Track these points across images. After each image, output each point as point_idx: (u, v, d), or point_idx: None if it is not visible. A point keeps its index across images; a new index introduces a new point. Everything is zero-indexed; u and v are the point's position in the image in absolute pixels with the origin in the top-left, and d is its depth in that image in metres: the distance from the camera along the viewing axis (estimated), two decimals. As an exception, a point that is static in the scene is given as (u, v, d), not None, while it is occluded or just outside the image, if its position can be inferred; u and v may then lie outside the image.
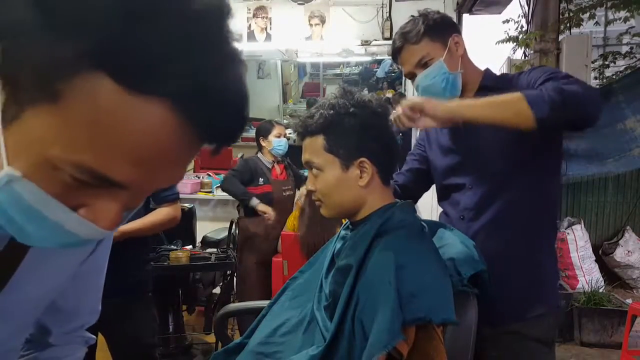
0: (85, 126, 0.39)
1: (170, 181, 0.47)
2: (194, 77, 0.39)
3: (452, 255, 1.14)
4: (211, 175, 4.10)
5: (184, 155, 0.45)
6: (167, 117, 0.40)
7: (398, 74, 6.66)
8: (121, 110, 0.39)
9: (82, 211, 0.44)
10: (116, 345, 1.79)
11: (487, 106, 1.13)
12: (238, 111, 0.44)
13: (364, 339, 0.95)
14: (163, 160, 0.43)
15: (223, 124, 0.43)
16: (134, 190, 0.44)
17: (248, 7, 3.75)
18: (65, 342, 0.78)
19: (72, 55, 0.37)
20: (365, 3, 3.60)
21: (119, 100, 0.38)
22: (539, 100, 1.08)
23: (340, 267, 1.10)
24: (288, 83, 7.35)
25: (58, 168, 0.40)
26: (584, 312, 3.24)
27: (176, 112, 0.40)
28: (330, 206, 1.14)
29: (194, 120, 0.41)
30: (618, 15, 4.67)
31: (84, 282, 0.75)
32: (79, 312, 0.79)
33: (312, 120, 1.11)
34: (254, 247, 2.96)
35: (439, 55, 1.32)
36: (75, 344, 0.80)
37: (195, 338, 3.16)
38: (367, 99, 1.12)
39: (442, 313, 0.93)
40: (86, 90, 0.38)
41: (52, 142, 0.39)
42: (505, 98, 1.12)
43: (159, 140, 0.41)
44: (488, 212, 1.33)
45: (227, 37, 0.42)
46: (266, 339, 1.16)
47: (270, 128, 2.97)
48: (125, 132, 0.39)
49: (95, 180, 0.41)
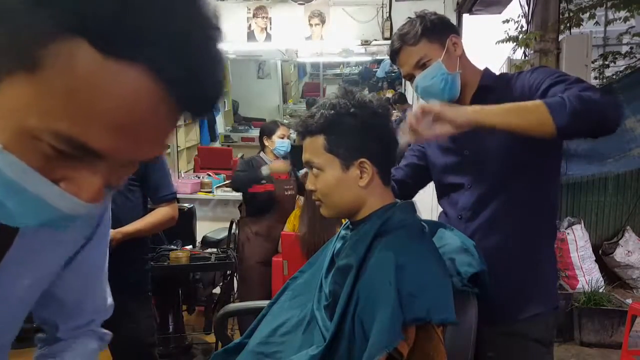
0: (64, 93, 0.39)
1: (150, 153, 0.46)
2: (171, 43, 0.39)
3: (452, 255, 1.14)
4: (211, 175, 4.10)
5: (163, 125, 0.44)
6: (145, 83, 0.40)
7: (398, 74, 6.66)
8: (99, 76, 0.39)
9: (64, 184, 0.44)
10: (116, 344, 1.79)
11: (507, 113, 1.11)
12: (215, 78, 0.44)
13: (364, 339, 0.95)
14: (142, 128, 0.42)
15: (200, 91, 0.43)
16: (115, 161, 0.44)
17: (248, 7, 3.75)
18: (74, 336, 0.78)
19: (49, 21, 0.37)
20: (365, 3, 3.60)
21: (97, 67, 0.38)
22: (560, 108, 1.06)
23: (340, 267, 1.10)
24: (288, 83, 7.35)
25: (37, 138, 0.40)
26: (584, 312, 3.23)
27: (154, 78, 0.40)
28: (330, 206, 1.14)
29: (172, 86, 0.41)
30: (618, 15, 4.67)
31: (83, 277, 0.74)
32: (83, 309, 0.78)
33: (313, 120, 1.11)
34: (255, 247, 2.97)
35: (437, 56, 1.31)
36: (85, 337, 0.80)
37: (195, 338, 3.16)
38: (367, 99, 1.12)
39: (442, 313, 0.93)
40: (64, 57, 0.38)
41: (31, 112, 0.39)
42: (526, 105, 1.11)
43: (137, 107, 0.41)
44: (486, 212, 1.33)
45: (202, 3, 0.42)
46: (266, 339, 1.16)
47: (275, 129, 3.00)
48: (104, 99, 0.39)
49: (74, 149, 0.41)
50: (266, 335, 1.17)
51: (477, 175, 1.35)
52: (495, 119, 1.12)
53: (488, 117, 1.12)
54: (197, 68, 0.42)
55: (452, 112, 1.12)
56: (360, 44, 3.62)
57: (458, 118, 1.12)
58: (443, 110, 1.12)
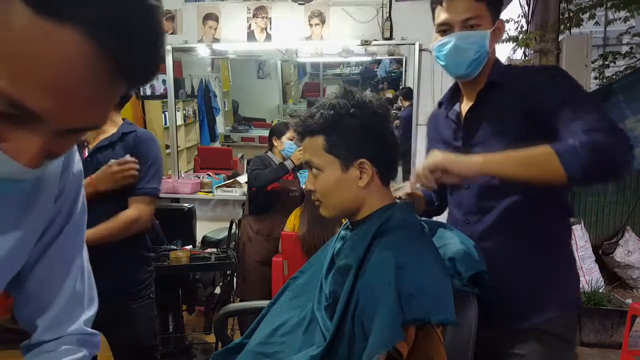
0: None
1: (89, 120, 0.46)
2: (108, 7, 0.40)
3: (452, 255, 1.14)
4: (211, 175, 4.10)
5: (101, 90, 0.44)
6: (80, 45, 0.40)
7: (398, 74, 6.66)
8: (35, 35, 0.39)
9: (0, 146, 0.44)
10: (117, 346, 1.79)
11: (517, 164, 1.09)
12: (153, 46, 0.44)
13: (363, 339, 0.95)
14: (78, 91, 0.42)
15: (138, 59, 0.44)
16: (53, 124, 0.44)
17: (248, 7, 3.74)
18: (58, 342, 0.75)
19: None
20: (365, 3, 3.60)
21: (33, 26, 0.39)
22: (571, 158, 1.04)
23: (340, 267, 1.10)
24: (288, 83, 7.35)
25: None
26: (584, 312, 3.23)
27: (90, 41, 0.40)
28: (330, 206, 1.14)
29: (108, 50, 0.41)
30: (618, 15, 4.67)
31: (58, 272, 0.73)
32: (58, 304, 0.75)
33: (313, 120, 1.11)
34: (255, 246, 2.97)
35: (487, 26, 1.24)
36: (70, 344, 0.76)
37: (195, 338, 3.15)
38: (367, 99, 1.12)
39: (441, 313, 0.93)
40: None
41: None
42: (536, 154, 1.07)
43: (72, 69, 0.41)
44: (492, 212, 1.27)
45: None
46: (266, 339, 1.16)
47: (285, 130, 3.01)
48: (39, 59, 0.40)
49: (9, 108, 0.41)
50: (266, 335, 1.17)
51: None
52: (505, 171, 1.10)
53: (498, 168, 1.11)
54: (134, 36, 0.42)
55: (459, 166, 1.11)
56: (360, 44, 3.61)
57: (467, 172, 1.12)
58: (450, 166, 1.11)
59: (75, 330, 0.77)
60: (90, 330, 0.79)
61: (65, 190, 0.71)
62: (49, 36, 0.39)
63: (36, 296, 0.72)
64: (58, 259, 0.72)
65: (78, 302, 0.78)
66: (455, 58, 1.24)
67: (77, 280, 0.77)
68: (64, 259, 0.74)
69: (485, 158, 1.12)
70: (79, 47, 0.40)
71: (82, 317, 0.78)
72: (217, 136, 6.20)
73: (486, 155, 1.13)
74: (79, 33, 0.40)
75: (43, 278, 0.71)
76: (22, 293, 0.71)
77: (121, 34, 0.41)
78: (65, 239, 0.72)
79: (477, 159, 1.12)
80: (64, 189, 0.70)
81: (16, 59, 0.40)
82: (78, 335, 0.77)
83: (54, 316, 0.75)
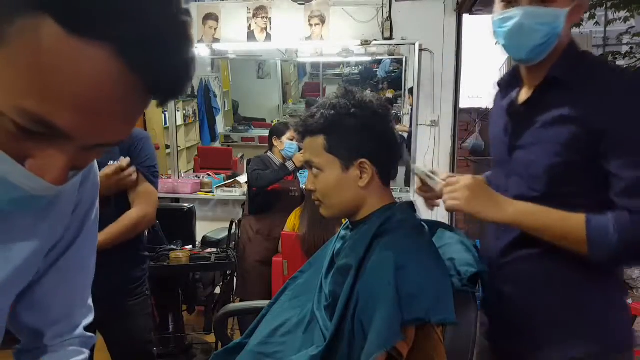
0: (28, 69, 0.39)
1: (116, 135, 0.46)
2: (138, 23, 0.39)
3: (452, 255, 1.14)
4: (211, 175, 4.10)
5: (129, 107, 0.44)
6: (110, 63, 0.40)
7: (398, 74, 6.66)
8: (64, 53, 0.39)
9: (28, 164, 0.44)
10: (114, 343, 1.80)
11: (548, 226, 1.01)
12: (183, 60, 0.44)
13: (363, 339, 0.95)
14: (107, 108, 0.42)
15: (168, 73, 0.43)
16: (80, 141, 0.44)
17: (248, 7, 3.74)
18: (62, 345, 0.76)
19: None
20: (365, 3, 3.60)
21: (63, 44, 0.38)
22: (601, 242, 0.95)
23: (340, 267, 1.10)
24: (288, 83, 7.34)
25: (1, 114, 0.40)
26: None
27: (120, 59, 0.40)
28: (330, 206, 1.14)
29: (138, 67, 0.41)
30: (618, 15, 4.67)
31: (71, 280, 0.73)
32: (70, 314, 0.76)
33: (313, 120, 1.11)
34: (255, 246, 2.97)
35: (563, 2, 1.00)
36: (73, 346, 0.77)
37: (195, 338, 3.15)
38: (368, 99, 1.12)
39: (441, 313, 0.93)
40: (29, 33, 0.38)
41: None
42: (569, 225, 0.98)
43: (101, 86, 0.40)
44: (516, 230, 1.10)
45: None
46: (266, 339, 1.16)
47: (285, 130, 3.02)
48: (68, 77, 0.39)
49: (38, 126, 0.41)
50: (266, 335, 1.17)
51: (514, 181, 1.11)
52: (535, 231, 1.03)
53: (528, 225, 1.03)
54: (165, 53, 0.42)
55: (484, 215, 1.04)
56: (360, 44, 3.61)
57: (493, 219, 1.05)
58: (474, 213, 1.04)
59: (78, 333, 0.78)
60: (88, 333, 0.80)
61: (83, 202, 0.70)
62: (79, 55, 0.39)
63: (41, 304, 0.71)
64: (70, 268, 0.72)
65: (84, 309, 0.79)
66: (517, 39, 1.03)
67: (85, 288, 0.78)
68: (74, 268, 0.74)
69: (517, 209, 1.03)
70: (109, 65, 0.40)
71: (85, 322, 0.79)
72: (217, 136, 6.20)
73: (519, 206, 1.03)
74: (109, 51, 0.39)
75: (52, 286, 0.71)
76: (26, 300, 0.70)
77: (152, 51, 0.40)
78: (77, 249, 0.72)
79: (508, 210, 1.03)
80: (81, 200, 0.70)
81: (46, 78, 0.39)
82: (80, 338, 0.78)
83: (62, 324, 0.75)
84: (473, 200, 1.04)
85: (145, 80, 0.42)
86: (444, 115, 3.66)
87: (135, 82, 0.42)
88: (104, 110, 0.42)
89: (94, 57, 0.39)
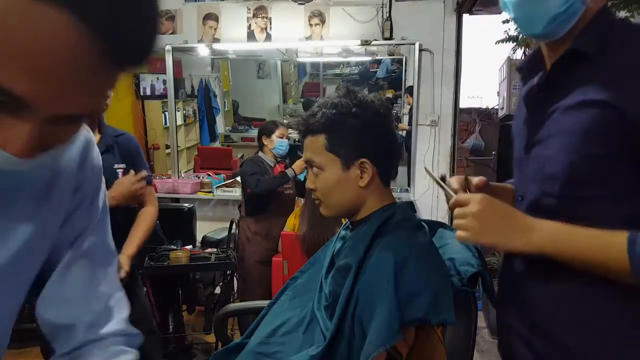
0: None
1: (81, 106, 0.44)
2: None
3: (452, 255, 1.14)
4: (211, 175, 4.10)
5: (90, 74, 0.43)
6: (69, 26, 0.39)
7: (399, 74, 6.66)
8: (20, 17, 0.38)
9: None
10: None
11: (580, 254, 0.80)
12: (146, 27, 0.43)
13: (363, 339, 0.95)
14: (66, 74, 0.41)
15: (131, 41, 0.42)
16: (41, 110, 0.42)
17: (248, 7, 3.74)
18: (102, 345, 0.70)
19: None
20: (365, 3, 3.60)
21: (18, 7, 0.38)
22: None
23: (340, 267, 1.10)
24: (288, 83, 7.34)
25: None
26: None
27: (79, 22, 0.39)
28: (330, 205, 1.14)
29: (98, 32, 0.40)
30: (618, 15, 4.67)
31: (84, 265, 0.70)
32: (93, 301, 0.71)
33: (314, 119, 1.11)
34: (254, 246, 2.97)
35: None
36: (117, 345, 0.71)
37: (195, 338, 3.15)
38: (369, 99, 1.12)
39: (441, 313, 0.93)
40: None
41: None
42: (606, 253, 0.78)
43: (59, 50, 0.39)
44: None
45: None
46: (266, 339, 1.16)
47: (274, 128, 3.02)
48: (24, 40, 0.38)
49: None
50: (266, 335, 1.17)
51: (532, 186, 0.91)
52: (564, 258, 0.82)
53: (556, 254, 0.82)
54: (126, 17, 0.40)
55: (510, 243, 0.84)
56: (360, 44, 3.61)
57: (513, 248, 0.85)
58: (494, 245, 0.86)
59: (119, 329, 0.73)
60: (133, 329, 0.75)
61: (85, 185, 0.69)
62: (35, 17, 0.38)
63: (64, 295, 0.69)
64: (88, 255, 0.70)
65: (113, 298, 0.74)
66: (529, 9, 0.83)
67: (109, 276, 0.74)
68: (93, 255, 0.71)
69: (542, 235, 0.82)
70: (67, 28, 0.39)
71: (121, 314, 0.74)
72: (217, 136, 6.20)
73: (544, 230, 0.82)
74: (67, 13, 0.38)
75: (74, 277, 0.69)
76: (48, 295, 0.68)
77: (112, 14, 0.39)
78: (93, 235, 0.70)
79: (531, 237, 0.83)
80: (82, 182, 0.68)
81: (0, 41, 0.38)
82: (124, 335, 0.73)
83: (91, 314, 0.71)
84: (484, 231, 0.85)
85: (106, 47, 0.41)
86: (444, 115, 3.66)
87: (94, 47, 0.40)
88: (62, 75, 0.41)
89: (50, 19, 0.38)
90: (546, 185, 0.87)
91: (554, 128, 0.86)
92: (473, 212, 0.85)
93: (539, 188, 0.89)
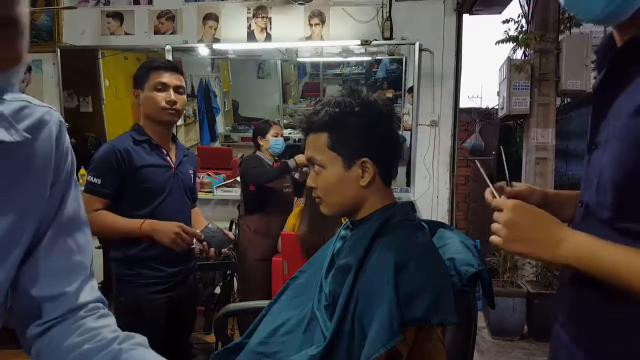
0: None
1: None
2: None
3: (452, 255, 1.14)
4: (211, 175, 4.10)
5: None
6: None
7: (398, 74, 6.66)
8: None
9: None
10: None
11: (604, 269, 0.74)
12: None
13: (363, 339, 0.95)
14: None
15: None
16: None
17: (248, 7, 3.75)
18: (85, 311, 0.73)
19: None
20: (365, 3, 3.60)
21: None
22: None
23: (340, 267, 1.10)
24: (288, 83, 7.34)
25: None
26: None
27: None
28: (330, 204, 1.14)
29: None
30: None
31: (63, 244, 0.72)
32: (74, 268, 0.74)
33: (317, 117, 1.11)
34: (254, 245, 2.97)
35: None
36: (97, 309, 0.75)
37: (195, 338, 3.15)
38: (372, 98, 1.12)
39: (441, 314, 0.93)
40: None
41: None
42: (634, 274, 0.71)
43: None
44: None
45: None
46: (266, 339, 1.16)
47: (268, 128, 3.03)
48: None
49: None
50: (266, 335, 1.17)
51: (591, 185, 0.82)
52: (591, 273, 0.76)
53: (584, 269, 0.76)
54: None
55: (537, 253, 0.81)
56: (360, 44, 3.62)
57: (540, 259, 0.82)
58: (523, 255, 0.83)
59: (98, 297, 0.76)
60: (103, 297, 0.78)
61: (61, 161, 0.71)
62: None
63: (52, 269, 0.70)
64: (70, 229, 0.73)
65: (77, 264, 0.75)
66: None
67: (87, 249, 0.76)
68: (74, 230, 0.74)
69: (569, 248, 0.77)
70: None
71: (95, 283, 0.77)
72: (217, 136, 6.20)
73: (572, 244, 0.77)
74: None
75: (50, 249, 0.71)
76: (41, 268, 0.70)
77: None
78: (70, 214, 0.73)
79: (558, 250, 0.78)
80: (59, 158, 0.71)
81: None
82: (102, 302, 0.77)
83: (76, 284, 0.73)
84: (513, 240, 0.82)
85: None
86: (444, 115, 3.66)
87: None
88: None
89: None
90: (600, 197, 0.79)
91: (610, 131, 0.77)
92: (504, 219, 0.83)
93: (595, 197, 0.80)
